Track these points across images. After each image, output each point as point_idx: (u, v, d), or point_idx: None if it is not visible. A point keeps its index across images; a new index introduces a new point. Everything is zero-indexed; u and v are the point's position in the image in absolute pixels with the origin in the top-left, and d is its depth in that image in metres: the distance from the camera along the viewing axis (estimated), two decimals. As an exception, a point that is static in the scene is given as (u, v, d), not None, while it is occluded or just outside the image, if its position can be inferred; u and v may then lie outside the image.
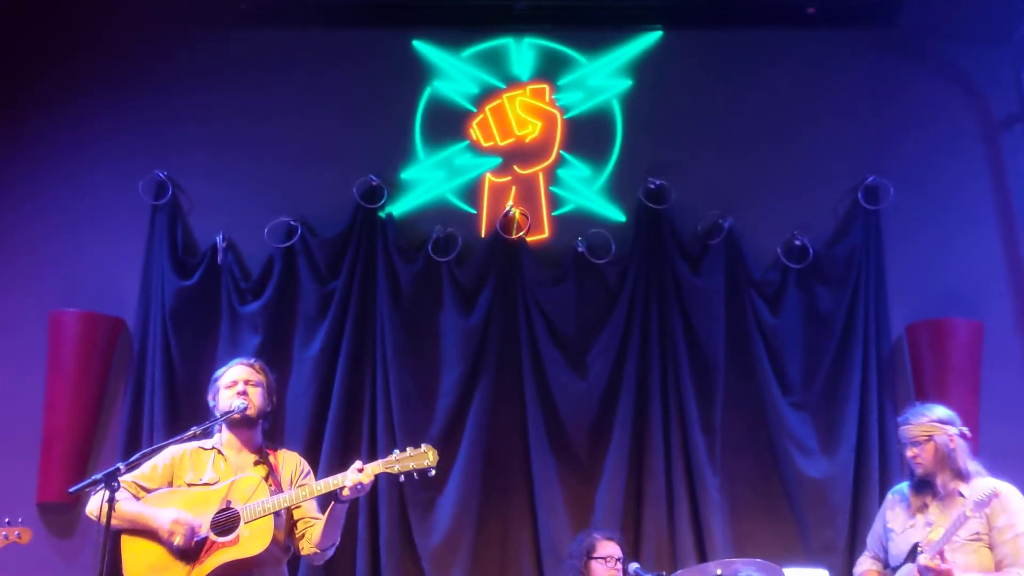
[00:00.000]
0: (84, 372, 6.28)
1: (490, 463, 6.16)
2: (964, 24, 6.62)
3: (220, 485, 4.26)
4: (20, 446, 6.21)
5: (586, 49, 6.73)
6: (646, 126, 6.64)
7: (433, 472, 4.16)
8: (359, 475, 4.11)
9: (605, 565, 5.16)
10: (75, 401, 6.24)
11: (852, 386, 6.10)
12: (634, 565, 5.14)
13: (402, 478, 4.20)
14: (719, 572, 4.61)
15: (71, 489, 4.05)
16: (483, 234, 6.52)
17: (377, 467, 4.16)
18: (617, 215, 6.52)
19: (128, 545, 4.21)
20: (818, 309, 6.26)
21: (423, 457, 4.16)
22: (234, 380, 4.43)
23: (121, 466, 3.94)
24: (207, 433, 4.38)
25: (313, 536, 4.31)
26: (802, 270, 6.28)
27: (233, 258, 6.44)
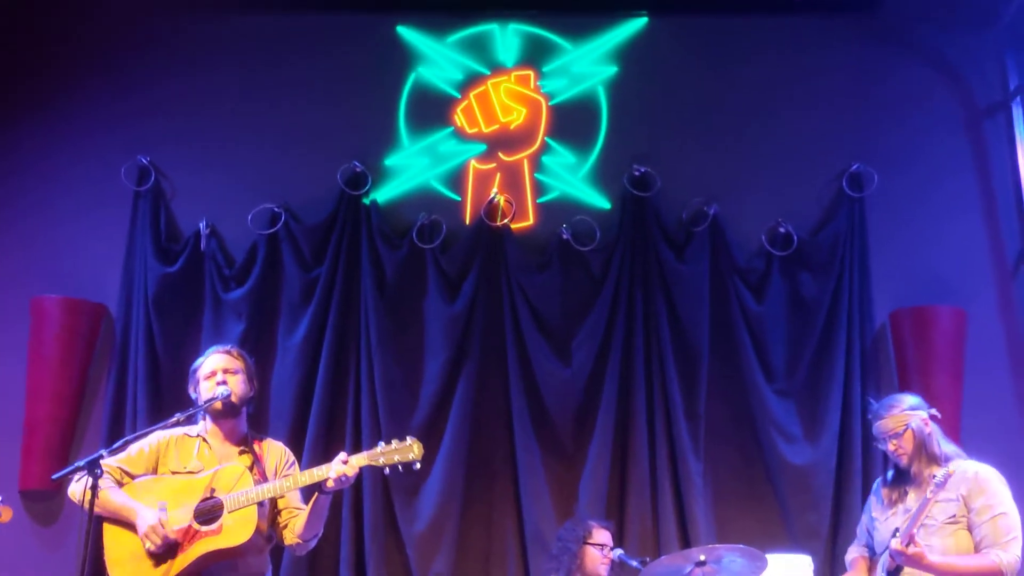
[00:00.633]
0: (67, 359, 6.23)
1: (474, 450, 6.15)
2: (948, 11, 6.62)
3: (204, 474, 4.25)
4: (2, 433, 6.17)
5: (571, 35, 6.71)
6: (631, 113, 6.63)
7: (418, 466, 4.16)
8: (344, 467, 4.10)
9: (600, 552, 5.17)
10: (57, 388, 6.19)
11: (836, 373, 6.12)
12: (618, 551, 5.17)
13: (387, 471, 4.19)
14: (703, 558, 4.60)
15: (54, 476, 4.06)
16: (468, 221, 6.51)
17: (362, 459, 4.15)
18: (602, 202, 6.52)
19: (110, 533, 4.21)
20: (802, 296, 6.27)
21: (408, 451, 4.15)
22: (213, 370, 4.40)
23: (104, 453, 3.96)
24: (191, 420, 4.36)
25: (296, 526, 4.31)
26: (786, 257, 6.29)
27: (216, 245, 6.40)
